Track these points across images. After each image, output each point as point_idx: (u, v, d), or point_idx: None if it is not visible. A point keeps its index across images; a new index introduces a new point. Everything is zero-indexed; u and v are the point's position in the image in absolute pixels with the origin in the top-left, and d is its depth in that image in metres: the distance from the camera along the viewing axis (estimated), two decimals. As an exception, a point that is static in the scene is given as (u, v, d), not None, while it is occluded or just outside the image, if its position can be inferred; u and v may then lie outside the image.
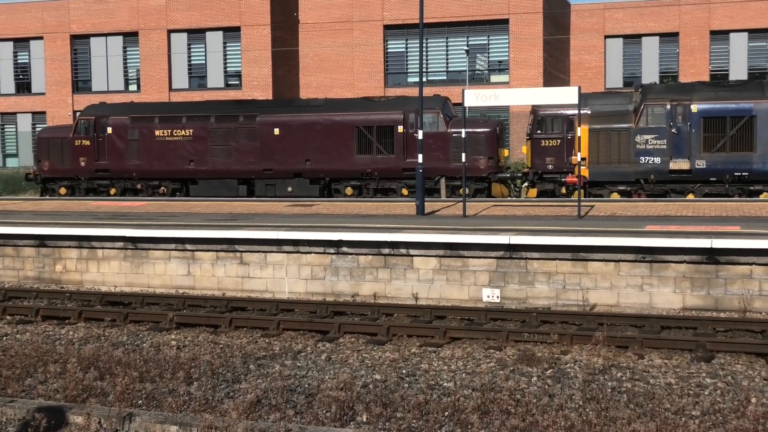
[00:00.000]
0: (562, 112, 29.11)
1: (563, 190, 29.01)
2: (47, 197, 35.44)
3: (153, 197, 32.73)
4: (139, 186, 33.92)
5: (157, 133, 33.48)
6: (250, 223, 21.31)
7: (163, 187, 33.56)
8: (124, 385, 11.03)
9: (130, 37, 52.99)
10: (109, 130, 34.07)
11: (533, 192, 29.98)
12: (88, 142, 34.28)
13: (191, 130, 33.11)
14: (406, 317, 16.23)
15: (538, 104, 29.88)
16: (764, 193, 27.43)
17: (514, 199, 29.36)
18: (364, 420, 10.12)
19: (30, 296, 19.10)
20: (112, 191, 34.16)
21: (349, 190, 31.56)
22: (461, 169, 30.05)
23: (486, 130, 30.73)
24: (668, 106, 27.90)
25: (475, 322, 15.59)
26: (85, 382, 11.38)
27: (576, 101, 21.58)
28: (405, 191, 30.74)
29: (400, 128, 30.72)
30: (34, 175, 35.81)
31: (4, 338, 15.38)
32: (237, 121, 32.81)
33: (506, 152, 32.56)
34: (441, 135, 30.18)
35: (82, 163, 34.36)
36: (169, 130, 33.34)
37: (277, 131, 32.16)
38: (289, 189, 31.98)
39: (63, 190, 34.87)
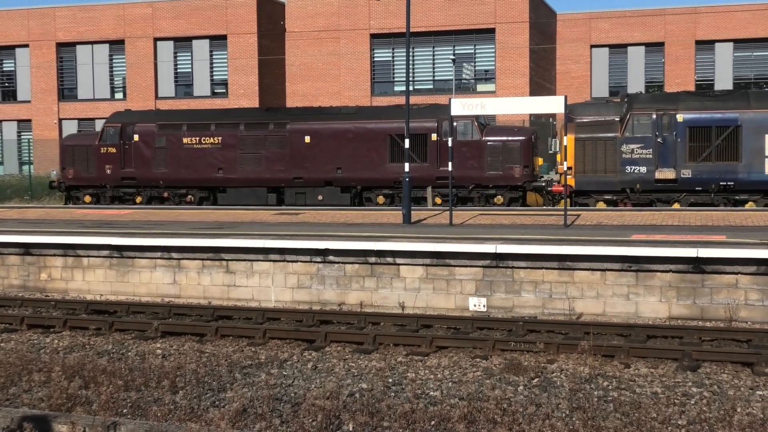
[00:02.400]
0: (600, 118, 29.00)
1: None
2: (32, 205, 35.25)
3: (180, 206, 32.32)
4: (165, 194, 33.43)
5: (184, 140, 33.01)
6: (237, 231, 21.26)
7: (190, 196, 33.14)
8: (108, 394, 10.96)
9: (116, 45, 52.95)
10: (136, 137, 33.60)
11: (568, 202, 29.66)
12: (114, 150, 33.76)
13: (220, 138, 32.66)
14: (392, 326, 16.19)
15: (575, 112, 29.82)
16: (750, 203, 27.53)
17: (501, 207, 29.34)
18: (351, 429, 10.09)
19: (15, 304, 18.99)
20: (138, 200, 33.69)
21: (381, 199, 31.17)
22: (496, 178, 29.93)
23: (521, 138, 30.30)
24: (654, 116, 27.98)
25: (462, 331, 15.57)
26: (70, 391, 11.31)
27: (562, 110, 21.63)
28: (438, 200, 30.37)
29: (434, 136, 30.40)
30: (58, 183, 35.16)
31: (-12, 347, 15.29)
32: (267, 128, 32.41)
33: (540, 161, 32.24)
34: (475, 143, 29.96)
35: (108, 171, 33.84)
36: (198, 138, 32.88)
37: (308, 139, 31.78)
38: (320, 197, 31.57)
39: (88, 198, 34.33)
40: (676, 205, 27.79)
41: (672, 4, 51.26)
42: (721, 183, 27.57)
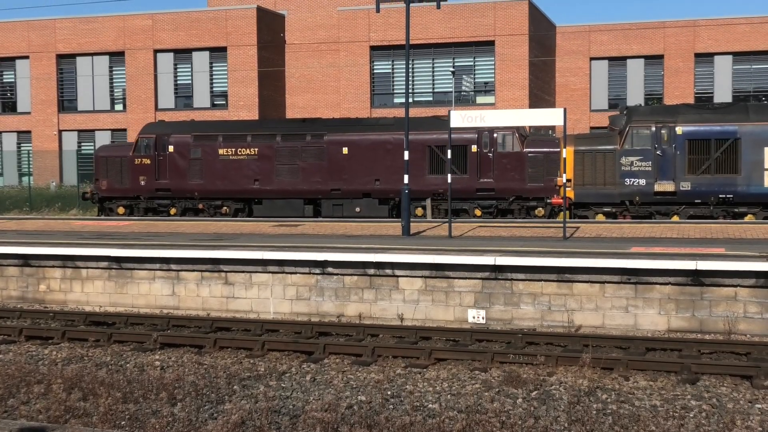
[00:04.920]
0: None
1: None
2: (31, 216, 35.17)
3: (214, 217, 32.04)
4: (200, 206, 33.09)
5: (220, 151, 32.69)
6: (236, 243, 21.25)
7: (225, 207, 32.87)
8: (107, 406, 10.95)
9: (116, 56, 53.05)
10: (171, 148, 33.26)
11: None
12: (148, 161, 33.39)
13: (256, 149, 32.37)
14: (391, 338, 16.18)
15: (614, 123, 29.64)
16: (749, 216, 27.53)
17: (500, 219, 29.31)
18: (349, 442, 10.07)
19: (13, 316, 18.97)
20: (173, 211, 33.37)
21: (419, 211, 30.73)
22: (537, 190, 29.40)
23: None
24: (653, 128, 28.01)
25: (461, 343, 15.56)
26: (68, 403, 11.30)
27: (561, 122, 21.65)
28: (478, 212, 30.12)
29: (474, 147, 30.14)
30: (91, 194, 34.69)
31: (-13, 358, 15.26)
32: (304, 139, 32.08)
33: None
34: (516, 155, 29.78)
35: (142, 182, 33.45)
36: (234, 149, 32.57)
37: (345, 150, 31.50)
38: (358, 209, 31.29)
39: (121, 210, 33.98)
40: (676, 218, 27.79)
41: (671, 16, 51.47)
42: (720, 196, 27.59)
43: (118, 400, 11.49)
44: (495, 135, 29.94)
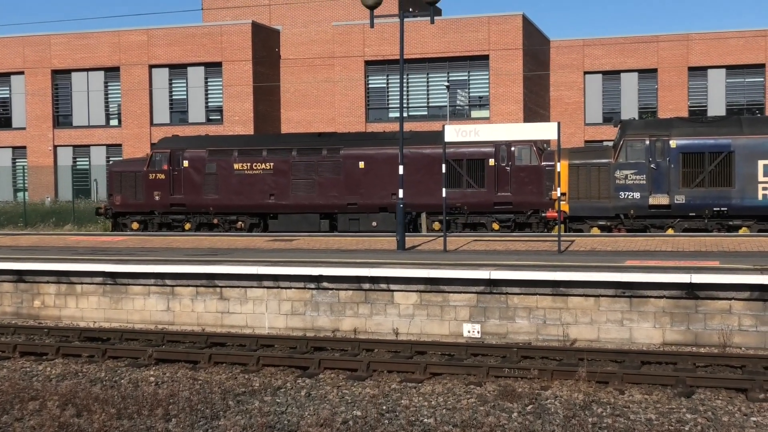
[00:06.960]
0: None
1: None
2: (26, 232, 35.13)
3: (229, 232, 31.94)
4: (215, 221, 32.93)
5: (236, 166, 32.52)
6: (230, 258, 21.24)
7: (240, 222, 32.70)
8: (101, 422, 10.93)
9: (112, 72, 53.14)
10: (185, 163, 33.09)
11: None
12: (162, 176, 33.21)
13: (272, 164, 32.21)
14: (386, 353, 16.15)
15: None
16: (743, 228, 27.56)
17: (495, 233, 29.31)
18: (344, 457, 10.05)
19: (7, 332, 18.92)
20: (187, 226, 33.17)
21: (436, 225, 30.47)
22: (555, 204, 29.37)
23: None
24: (647, 142, 28.07)
25: (456, 358, 15.54)
26: (62, 419, 11.27)
27: (555, 137, 21.70)
28: (496, 225, 29.95)
29: (491, 161, 29.97)
30: (105, 209, 34.54)
31: (-19, 375, 15.22)
32: (320, 154, 31.92)
33: None
34: (533, 168, 29.59)
35: (157, 198, 33.25)
36: (249, 164, 32.39)
37: (362, 164, 31.35)
38: (374, 224, 31.06)
39: (135, 225, 33.74)
40: (670, 231, 27.81)
41: (665, 30, 51.74)
42: (714, 209, 27.61)
43: (112, 416, 11.46)
44: (512, 149, 29.79)
